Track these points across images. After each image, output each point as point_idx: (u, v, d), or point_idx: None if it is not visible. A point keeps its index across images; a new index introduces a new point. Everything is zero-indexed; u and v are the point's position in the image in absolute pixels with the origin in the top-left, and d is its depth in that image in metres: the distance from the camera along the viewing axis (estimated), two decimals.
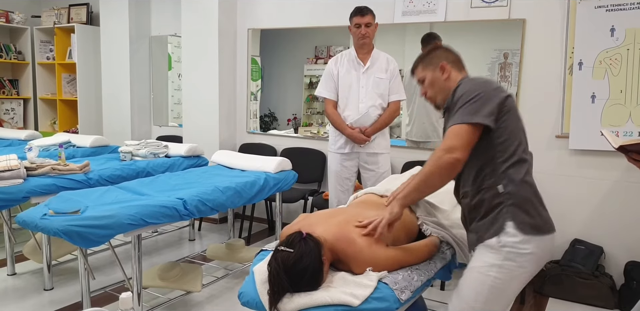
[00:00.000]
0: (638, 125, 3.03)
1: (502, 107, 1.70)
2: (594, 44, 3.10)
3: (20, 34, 5.82)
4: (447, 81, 1.86)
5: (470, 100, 1.68)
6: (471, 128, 1.67)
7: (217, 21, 4.40)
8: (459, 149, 1.66)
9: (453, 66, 1.87)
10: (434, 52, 1.92)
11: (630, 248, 3.16)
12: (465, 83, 1.76)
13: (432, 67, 1.89)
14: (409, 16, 3.77)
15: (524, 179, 1.75)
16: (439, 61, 1.87)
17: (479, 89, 1.71)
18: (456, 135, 1.67)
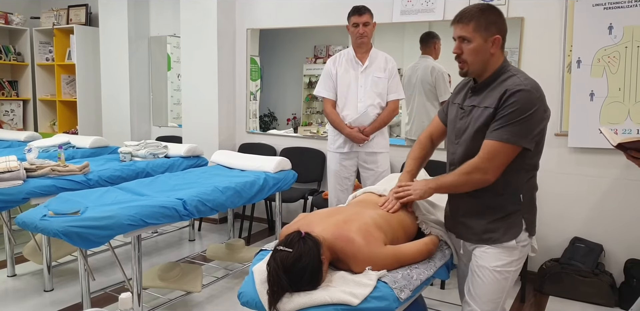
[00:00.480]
0: (637, 123, 3.03)
1: (544, 130, 1.72)
2: (592, 42, 3.10)
3: (19, 35, 5.82)
4: (492, 56, 1.76)
5: (525, 117, 1.65)
6: (512, 149, 1.68)
7: (216, 21, 4.40)
8: (493, 172, 1.71)
9: (502, 44, 1.77)
10: (495, 16, 1.75)
11: (630, 245, 3.16)
12: (524, 91, 1.66)
13: (486, 34, 1.73)
14: (408, 15, 3.77)
15: (535, 188, 1.87)
16: (497, 32, 1.74)
17: (535, 105, 1.66)
18: (495, 156, 1.68)
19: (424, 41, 3.74)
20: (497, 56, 1.76)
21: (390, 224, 1.89)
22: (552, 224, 3.38)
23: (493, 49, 1.74)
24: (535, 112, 1.65)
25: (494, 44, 1.73)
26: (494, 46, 1.73)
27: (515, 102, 1.66)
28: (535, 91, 1.67)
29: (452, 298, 3.11)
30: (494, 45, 1.73)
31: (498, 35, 1.73)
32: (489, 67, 1.76)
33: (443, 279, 2.81)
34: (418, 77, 3.76)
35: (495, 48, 1.74)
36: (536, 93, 1.67)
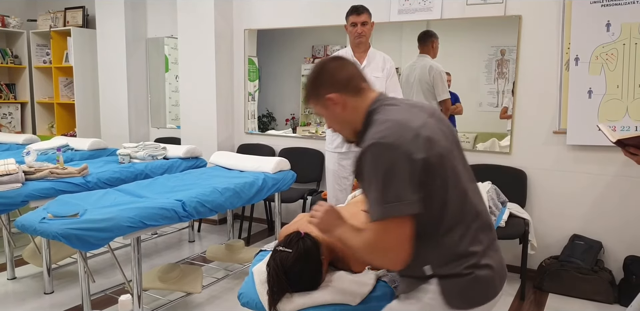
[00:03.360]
0: (635, 120, 3.03)
1: (415, 173, 1.26)
2: (590, 39, 3.10)
3: (16, 38, 5.81)
4: (345, 112, 1.44)
5: (383, 183, 1.25)
6: (396, 222, 1.26)
7: (213, 22, 4.40)
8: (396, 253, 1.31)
9: (346, 92, 1.42)
10: (317, 80, 1.45)
11: (629, 242, 3.17)
12: (370, 151, 1.28)
13: (322, 102, 1.44)
14: (405, 14, 3.77)
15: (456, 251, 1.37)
16: (325, 92, 1.42)
17: (383, 161, 1.26)
18: (387, 234, 1.28)
19: (421, 40, 3.74)
20: (351, 105, 1.42)
21: None
22: (551, 222, 3.38)
23: (337, 107, 1.43)
24: (389, 169, 1.24)
25: (333, 103, 1.43)
26: (336, 105, 1.42)
27: (366, 167, 1.29)
28: (382, 139, 1.27)
29: None
30: (335, 104, 1.42)
31: (327, 95, 1.42)
32: (355, 123, 1.44)
33: None
34: (416, 76, 3.76)
35: (339, 104, 1.42)
36: (382, 143, 1.26)
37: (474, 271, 1.34)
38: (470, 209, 1.38)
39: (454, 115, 3.71)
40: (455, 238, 1.34)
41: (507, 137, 3.50)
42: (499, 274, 1.40)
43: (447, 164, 1.32)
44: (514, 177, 3.42)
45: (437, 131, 1.35)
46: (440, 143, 1.32)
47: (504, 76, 3.51)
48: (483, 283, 1.36)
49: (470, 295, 1.35)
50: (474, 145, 3.65)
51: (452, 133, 1.45)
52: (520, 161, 3.43)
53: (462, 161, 1.44)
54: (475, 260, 1.35)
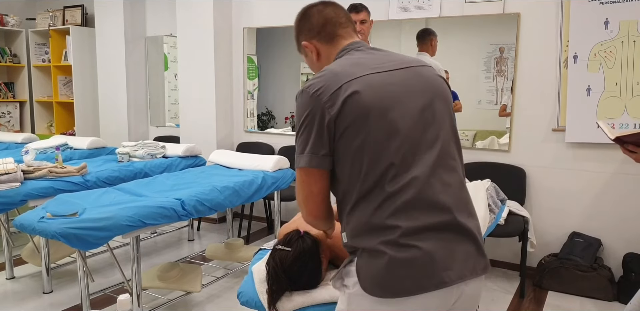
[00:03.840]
0: (634, 117, 3.03)
1: (327, 130, 1.19)
2: (588, 37, 3.10)
3: (15, 36, 5.80)
4: (320, 60, 1.40)
5: (299, 130, 1.24)
6: (304, 173, 1.24)
7: (212, 20, 4.40)
8: (303, 206, 1.29)
9: (320, 38, 1.37)
10: (297, 27, 1.43)
11: (628, 239, 3.17)
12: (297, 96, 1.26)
13: (302, 50, 1.43)
14: (404, 12, 3.77)
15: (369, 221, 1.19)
16: (302, 39, 1.41)
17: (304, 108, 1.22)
18: (297, 187, 1.27)
19: (420, 38, 3.73)
20: (324, 59, 1.39)
21: None
22: (550, 220, 3.38)
23: (313, 55, 1.40)
24: (306, 118, 1.21)
25: (308, 51, 1.40)
26: (312, 53, 1.40)
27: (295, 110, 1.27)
28: (308, 88, 1.22)
29: None
30: (310, 52, 1.40)
31: (303, 42, 1.40)
32: None
33: None
34: None
35: (314, 52, 1.39)
36: (307, 91, 1.22)
37: (389, 250, 1.14)
38: (402, 180, 1.17)
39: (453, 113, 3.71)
40: (371, 206, 1.18)
41: (506, 135, 3.50)
42: (440, 263, 1.15)
43: (373, 125, 1.17)
44: (513, 175, 3.42)
45: (377, 89, 1.20)
46: (370, 102, 1.18)
47: (502, 74, 3.50)
48: (404, 266, 1.13)
49: (386, 280, 1.15)
50: (473, 143, 3.65)
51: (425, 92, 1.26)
52: (519, 159, 3.43)
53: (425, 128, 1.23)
54: (393, 236, 1.14)
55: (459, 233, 1.20)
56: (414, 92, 1.24)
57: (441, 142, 1.23)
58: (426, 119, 1.23)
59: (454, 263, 1.17)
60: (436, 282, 1.14)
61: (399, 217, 1.16)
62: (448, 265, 1.16)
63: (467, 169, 3.50)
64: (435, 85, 1.29)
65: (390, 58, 1.30)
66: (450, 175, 1.24)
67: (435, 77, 1.31)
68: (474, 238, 1.23)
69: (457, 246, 1.19)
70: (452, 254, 1.17)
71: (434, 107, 1.25)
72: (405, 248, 1.14)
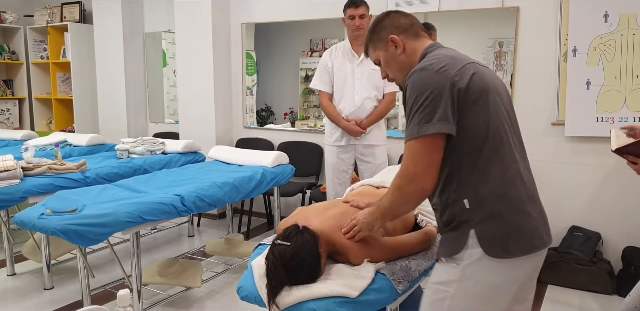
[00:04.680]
0: (633, 110, 3.03)
1: (467, 103, 1.34)
2: (587, 30, 3.09)
3: (13, 33, 5.79)
4: (404, 55, 1.53)
5: (422, 102, 1.34)
6: (426, 143, 1.34)
7: (211, 16, 4.38)
8: (423, 177, 1.36)
9: (407, 35, 1.53)
10: (379, 25, 1.57)
11: (628, 233, 3.17)
12: (416, 72, 1.39)
13: (383, 45, 1.56)
14: (403, 7, 3.76)
15: (498, 190, 1.37)
16: (387, 34, 1.54)
17: (429, 83, 1.34)
18: (415, 157, 1.36)
19: None
20: (410, 48, 1.53)
21: None
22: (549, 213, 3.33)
23: (398, 49, 1.53)
24: (433, 91, 1.33)
25: (395, 44, 1.53)
26: (397, 47, 1.53)
27: (409, 89, 1.39)
28: (430, 66, 1.36)
29: None
30: (396, 46, 1.53)
31: (390, 35, 1.53)
32: (411, 66, 1.48)
33: None
34: None
35: (400, 46, 1.52)
36: (430, 68, 1.36)
37: (509, 214, 1.35)
38: (512, 154, 1.41)
39: None
40: (493, 176, 1.36)
41: None
42: (541, 226, 1.41)
43: (491, 103, 1.37)
44: None
45: (487, 73, 1.43)
46: (489, 82, 1.39)
47: (502, 68, 3.50)
48: (520, 229, 1.36)
49: (506, 240, 1.34)
50: None
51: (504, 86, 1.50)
52: None
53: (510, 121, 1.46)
54: (512, 203, 1.36)
55: (541, 204, 1.47)
56: (500, 86, 1.47)
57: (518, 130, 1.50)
58: (509, 109, 1.48)
59: (546, 228, 1.44)
60: (541, 243, 1.40)
61: (513, 186, 1.38)
62: (545, 229, 1.43)
63: None
64: (505, 86, 1.53)
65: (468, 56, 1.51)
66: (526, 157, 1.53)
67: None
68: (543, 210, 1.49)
69: (545, 215, 1.47)
70: (545, 221, 1.45)
71: (509, 102, 1.49)
72: (522, 213, 1.37)
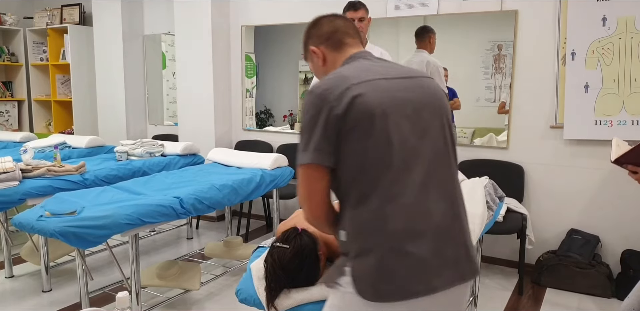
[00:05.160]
0: (631, 114, 3.03)
1: (332, 128, 1.20)
2: (586, 33, 3.10)
3: (12, 35, 5.79)
4: (324, 67, 1.43)
5: (303, 129, 1.25)
6: (307, 171, 1.24)
7: (210, 18, 4.39)
8: (304, 205, 1.28)
9: (327, 45, 1.41)
10: (306, 34, 1.46)
11: (626, 236, 3.18)
12: (306, 95, 1.27)
13: (309, 55, 1.46)
14: (402, 10, 3.77)
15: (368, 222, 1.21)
16: (310, 45, 1.44)
17: (310, 107, 1.24)
18: (298, 185, 1.28)
19: (419, 35, 3.73)
20: (330, 60, 1.42)
21: None
22: (548, 217, 3.39)
23: (319, 61, 1.43)
24: (312, 117, 1.22)
25: (315, 56, 1.43)
26: (318, 58, 1.43)
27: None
28: (317, 88, 1.24)
29: None
30: (316, 58, 1.43)
31: (311, 47, 1.43)
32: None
33: None
34: None
35: (320, 58, 1.42)
36: (315, 91, 1.24)
37: (383, 253, 1.17)
38: (400, 184, 1.20)
39: (452, 110, 3.71)
40: (370, 208, 1.20)
41: (504, 132, 3.51)
42: (432, 269, 1.18)
43: (377, 128, 1.19)
44: (511, 172, 3.42)
45: (382, 94, 1.23)
46: (380, 104, 1.21)
47: (501, 71, 3.50)
48: (392, 271, 1.16)
49: (378, 283, 1.16)
50: (471, 140, 3.66)
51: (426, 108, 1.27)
52: (518, 156, 3.43)
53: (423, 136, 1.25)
54: (389, 239, 1.18)
55: (451, 238, 1.24)
56: (417, 102, 1.26)
57: (436, 152, 1.26)
58: (426, 128, 1.26)
59: (445, 269, 1.20)
60: (427, 288, 1.18)
61: (395, 221, 1.18)
62: (439, 271, 1.19)
63: (465, 166, 3.50)
64: (437, 98, 1.32)
65: (397, 68, 1.35)
66: (445, 183, 1.27)
67: (439, 90, 1.34)
68: (464, 243, 1.27)
69: (448, 252, 1.22)
70: (443, 260, 1.21)
71: (434, 119, 1.28)
72: (400, 252, 1.17)
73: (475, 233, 2.19)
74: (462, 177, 2.68)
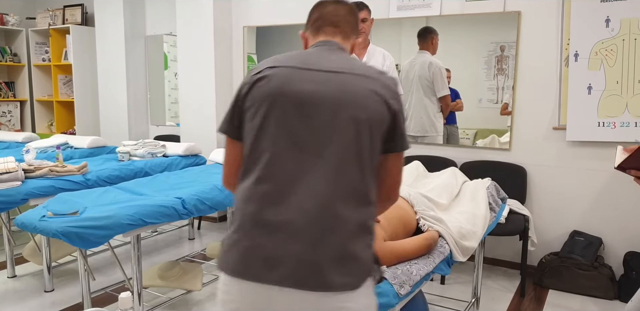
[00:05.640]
0: (634, 115, 3.03)
1: (237, 104, 1.30)
2: (589, 35, 3.09)
3: (15, 36, 5.80)
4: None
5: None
6: (225, 139, 1.35)
7: (212, 19, 4.39)
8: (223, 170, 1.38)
9: (311, 30, 1.43)
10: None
11: (629, 238, 3.17)
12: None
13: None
14: (404, 11, 3.76)
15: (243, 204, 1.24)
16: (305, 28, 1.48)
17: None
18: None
19: (421, 36, 3.73)
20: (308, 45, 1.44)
21: (389, 220, 1.89)
22: (551, 218, 3.38)
23: (304, 46, 1.47)
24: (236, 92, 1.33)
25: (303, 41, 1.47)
26: (303, 43, 1.47)
27: None
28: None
29: (452, 293, 3.12)
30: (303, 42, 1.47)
31: (301, 31, 1.48)
32: None
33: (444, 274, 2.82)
34: (416, 72, 3.75)
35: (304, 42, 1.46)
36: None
37: (239, 228, 1.22)
38: (270, 173, 1.21)
39: (455, 111, 3.71)
40: (243, 187, 1.25)
41: (506, 134, 3.50)
42: (258, 258, 1.17)
43: (269, 112, 1.22)
44: (513, 173, 3.42)
45: (285, 81, 1.23)
46: (273, 91, 1.22)
47: (503, 72, 3.50)
48: (235, 247, 1.21)
49: (225, 252, 1.24)
50: (473, 142, 3.65)
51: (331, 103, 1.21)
52: (520, 158, 3.43)
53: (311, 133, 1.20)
54: (244, 219, 1.22)
55: (306, 238, 1.16)
56: (321, 95, 1.22)
57: (324, 148, 1.20)
58: (321, 123, 1.20)
59: (281, 265, 1.16)
60: (253, 274, 1.18)
61: (253, 204, 1.21)
62: (273, 264, 1.16)
63: (468, 167, 3.50)
64: (354, 96, 1.22)
65: (334, 60, 1.29)
66: (324, 181, 1.18)
67: (362, 90, 1.23)
68: (326, 250, 1.16)
69: (294, 250, 1.16)
70: (282, 255, 1.16)
71: (336, 115, 1.21)
72: (245, 233, 1.20)
73: (477, 235, 2.19)
74: (464, 178, 2.68)
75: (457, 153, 3.66)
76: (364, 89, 1.24)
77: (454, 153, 3.67)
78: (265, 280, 1.17)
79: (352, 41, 1.43)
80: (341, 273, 1.16)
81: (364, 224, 1.22)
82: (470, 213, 2.30)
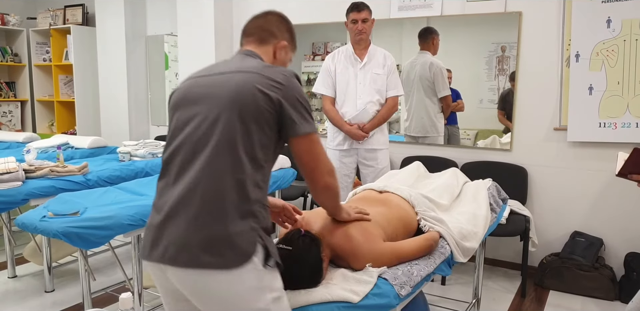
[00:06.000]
0: (636, 116, 3.02)
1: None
2: (590, 35, 3.09)
3: (16, 36, 5.80)
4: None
5: None
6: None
7: (213, 19, 4.39)
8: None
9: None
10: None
11: (630, 239, 3.17)
12: None
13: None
14: (405, 11, 3.76)
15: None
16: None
17: None
18: None
19: (422, 37, 3.73)
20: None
21: (389, 221, 1.88)
22: (552, 219, 3.38)
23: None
24: None
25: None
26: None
27: None
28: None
29: (453, 293, 3.11)
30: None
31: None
32: None
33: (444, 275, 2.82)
34: (416, 73, 3.75)
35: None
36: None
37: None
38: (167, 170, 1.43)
39: (455, 112, 3.71)
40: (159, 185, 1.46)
41: (507, 134, 3.50)
42: (151, 241, 1.37)
43: (175, 120, 1.48)
44: (514, 174, 3.41)
45: (187, 90, 1.48)
46: (175, 101, 1.50)
47: (504, 73, 3.50)
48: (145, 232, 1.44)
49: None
50: (474, 142, 3.65)
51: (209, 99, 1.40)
52: (521, 158, 3.43)
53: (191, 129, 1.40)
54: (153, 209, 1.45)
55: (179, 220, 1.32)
56: (202, 96, 1.41)
57: (198, 141, 1.36)
58: (199, 124, 1.38)
59: (162, 245, 1.32)
60: (144, 254, 1.38)
61: (156, 196, 1.43)
62: (157, 243, 1.34)
63: (469, 168, 3.49)
64: (231, 90, 1.37)
65: (226, 65, 1.50)
66: (198, 170, 1.34)
67: (242, 86, 1.37)
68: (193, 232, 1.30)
69: (172, 231, 1.32)
70: (160, 235, 1.33)
71: (211, 110, 1.37)
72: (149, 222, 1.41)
73: (478, 236, 2.18)
74: (465, 179, 2.67)
75: (458, 154, 3.66)
76: (241, 85, 1.37)
77: (455, 154, 3.66)
78: (156, 259, 1.35)
79: (273, 45, 1.64)
80: (211, 253, 1.29)
81: (240, 207, 1.33)
82: (471, 213, 2.30)
